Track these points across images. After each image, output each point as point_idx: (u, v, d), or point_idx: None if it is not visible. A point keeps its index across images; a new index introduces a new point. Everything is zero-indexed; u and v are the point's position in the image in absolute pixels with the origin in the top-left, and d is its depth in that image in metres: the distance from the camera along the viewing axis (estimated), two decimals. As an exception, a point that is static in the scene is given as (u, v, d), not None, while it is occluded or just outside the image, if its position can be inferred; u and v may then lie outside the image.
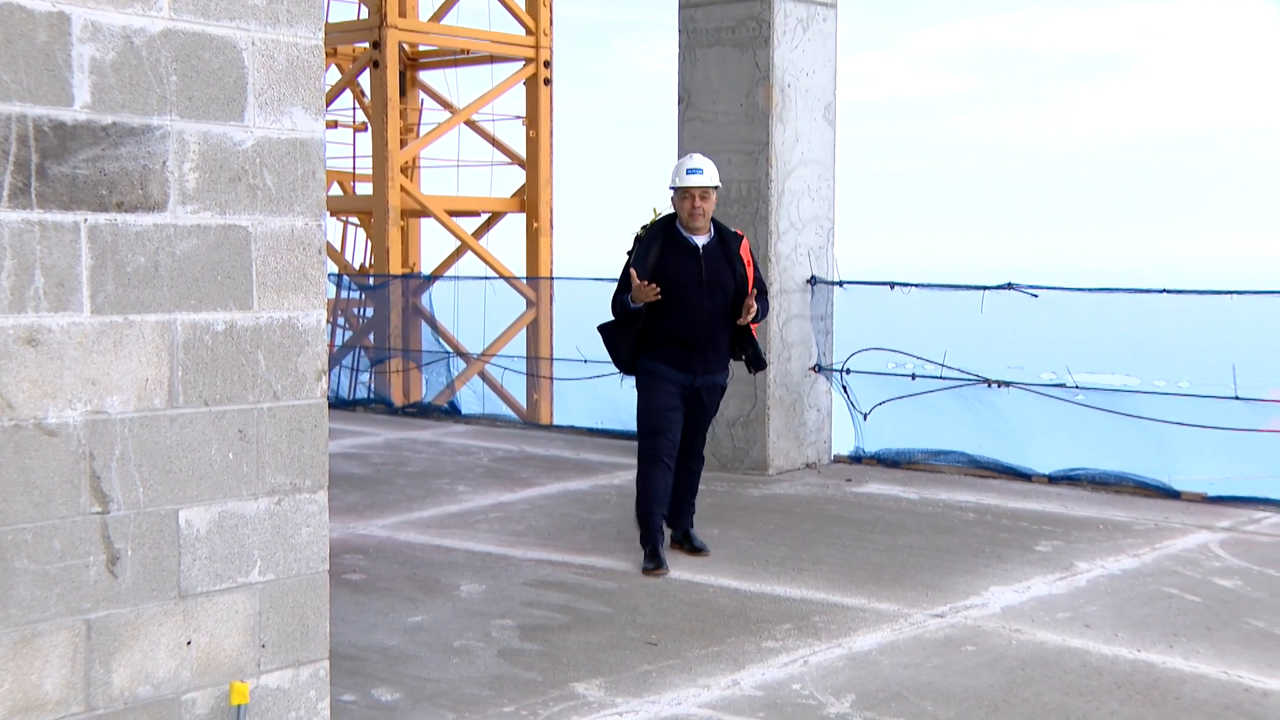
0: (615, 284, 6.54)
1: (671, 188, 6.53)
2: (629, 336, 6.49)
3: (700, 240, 6.48)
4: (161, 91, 3.52)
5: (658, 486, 6.47)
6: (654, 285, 6.28)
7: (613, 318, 6.57)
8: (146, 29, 3.48)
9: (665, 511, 6.56)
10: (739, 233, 6.68)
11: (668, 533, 6.69)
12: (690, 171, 6.47)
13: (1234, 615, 5.64)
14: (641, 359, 6.54)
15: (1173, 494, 8.08)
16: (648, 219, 6.71)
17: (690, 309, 6.40)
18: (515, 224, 20.64)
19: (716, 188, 6.51)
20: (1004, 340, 9.67)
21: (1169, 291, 8.50)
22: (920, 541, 6.97)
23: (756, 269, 6.66)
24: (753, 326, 6.63)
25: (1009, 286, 8.72)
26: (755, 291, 6.54)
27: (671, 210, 6.59)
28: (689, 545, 6.74)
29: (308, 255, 3.84)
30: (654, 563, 6.38)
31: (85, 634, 3.48)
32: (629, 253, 6.53)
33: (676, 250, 6.44)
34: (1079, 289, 8.84)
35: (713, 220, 6.55)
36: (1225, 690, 4.76)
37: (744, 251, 6.57)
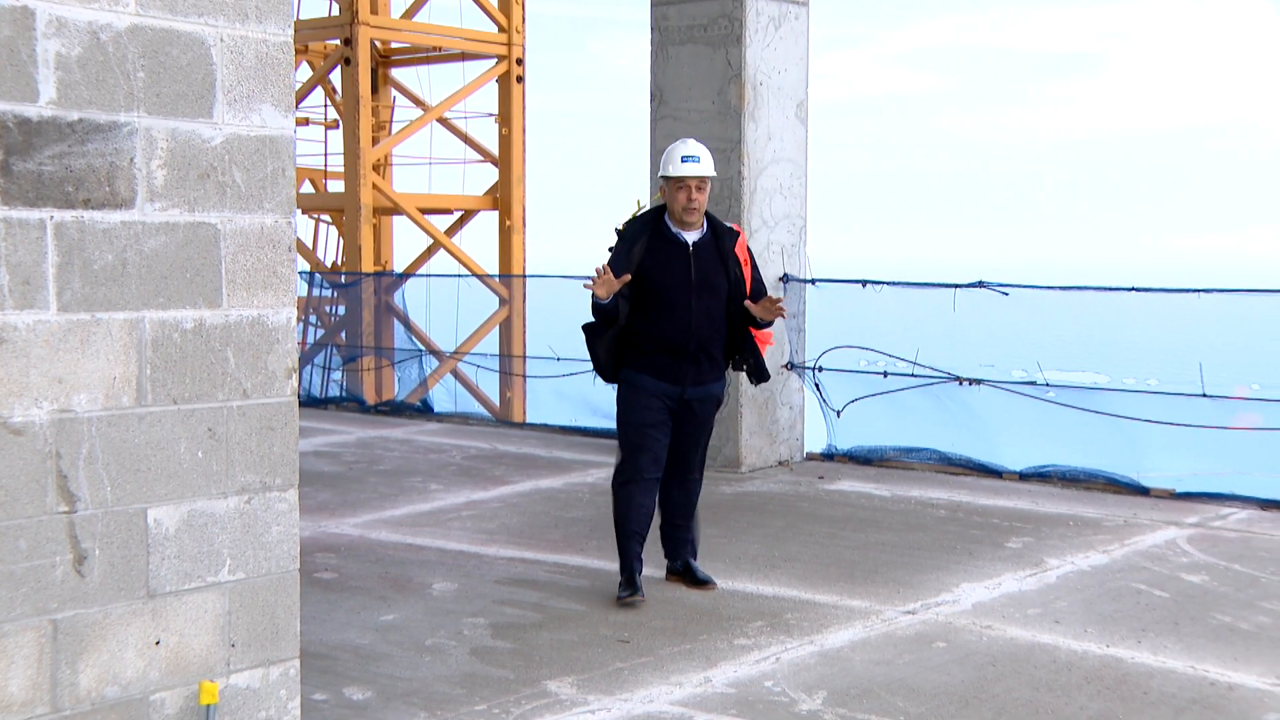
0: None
1: (663, 177, 5.85)
2: (605, 339, 5.86)
3: (691, 236, 5.82)
4: (129, 88, 3.49)
5: (636, 508, 5.86)
6: (619, 275, 5.67)
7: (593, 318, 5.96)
8: (113, 24, 3.46)
9: (644, 535, 5.92)
10: (735, 228, 5.98)
11: (663, 564, 6.14)
12: (686, 159, 5.78)
13: (1201, 610, 5.69)
14: (624, 368, 5.91)
15: (1142, 490, 8.14)
16: (631, 212, 6.19)
17: (679, 313, 5.75)
18: (488, 222, 20.59)
19: (712, 177, 5.89)
20: (975, 338, 9.72)
21: (1138, 290, 8.57)
22: (892, 539, 6.99)
23: (756, 269, 5.99)
24: (758, 335, 5.94)
25: (980, 285, 8.77)
26: (752, 294, 5.87)
27: (659, 202, 5.97)
28: (690, 578, 6.04)
29: (277, 253, 3.82)
30: (629, 590, 5.81)
31: (51, 634, 3.45)
32: (611, 249, 5.91)
33: (664, 247, 5.79)
34: (1049, 287, 8.89)
35: (706, 214, 5.90)
36: (1192, 684, 4.80)
37: (740, 249, 5.90)
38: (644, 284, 5.78)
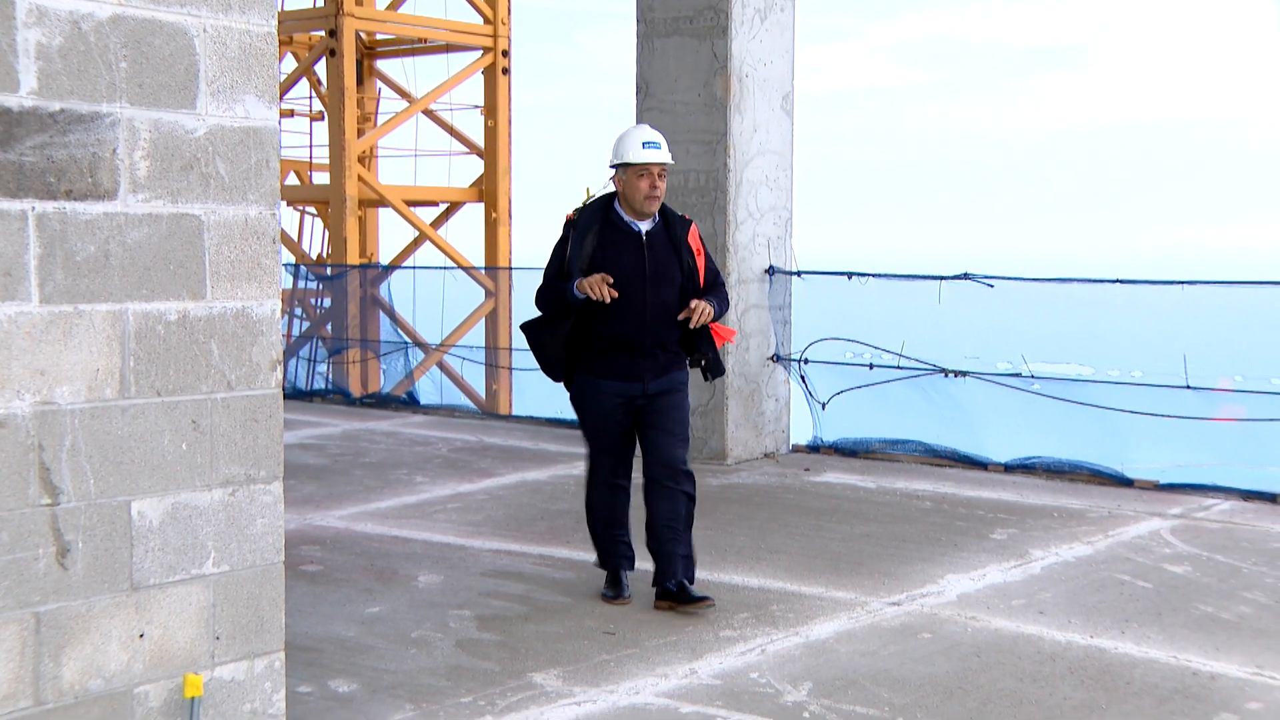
0: (543, 275, 5.66)
1: (619, 164, 5.53)
2: (560, 335, 5.56)
3: (644, 226, 5.56)
4: (111, 78, 3.47)
5: (602, 507, 5.71)
6: (577, 269, 5.41)
7: (539, 313, 5.65)
8: (95, 14, 3.44)
9: (624, 533, 5.74)
10: (686, 216, 5.75)
11: (651, 591, 5.69)
12: (648, 145, 5.52)
13: (1184, 601, 5.72)
14: (579, 372, 5.62)
15: (1126, 482, 8.17)
16: (581, 200, 5.81)
17: (634, 307, 5.46)
18: (474, 214, 20.57)
19: (671, 165, 5.65)
20: (960, 330, 9.74)
21: (1122, 282, 8.60)
22: (877, 530, 7.01)
23: (709, 257, 5.75)
24: (715, 329, 5.67)
25: (965, 277, 8.79)
26: (705, 284, 5.64)
27: (608, 191, 5.68)
28: (685, 598, 5.52)
29: (262, 244, 3.81)
30: (614, 590, 5.67)
31: (34, 627, 3.43)
32: (560, 240, 5.64)
33: (616, 238, 5.52)
34: (1034, 279, 8.91)
35: None
36: (1174, 674, 4.82)
37: (693, 238, 5.64)
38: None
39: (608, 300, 5.37)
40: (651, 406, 5.60)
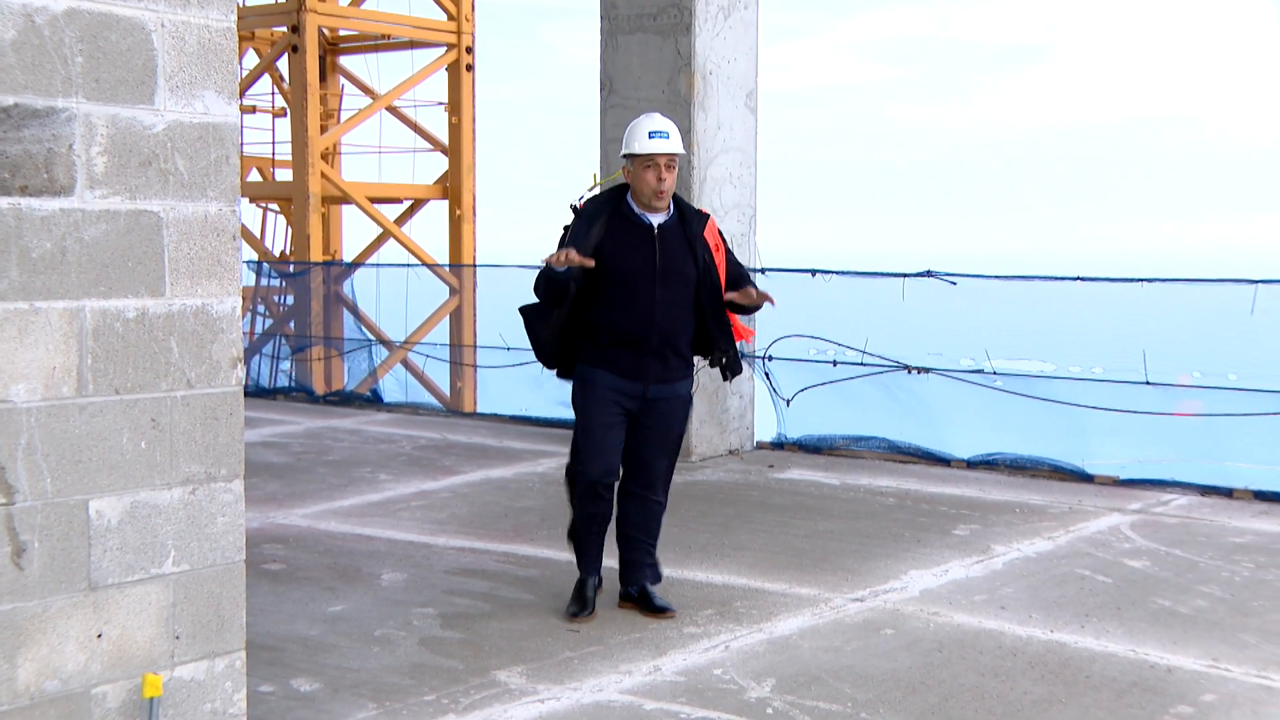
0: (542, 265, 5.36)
1: (627, 155, 5.28)
2: (553, 320, 5.33)
3: (656, 219, 5.29)
4: (66, 73, 3.43)
5: (596, 518, 5.44)
6: (581, 255, 5.15)
7: (536, 299, 5.41)
8: (49, 7, 3.40)
9: (602, 531, 5.52)
10: (703, 211, 5.49)
11: (617, 589, 5.61)
12: (654, 134, 5.21)
13: (1142, 595, 5.78)
14: (580, 363, 5.38)
15: (1086, 477, 8.24)
16: (588, 187, 5.61)
17: (641, 303, 5.22)
18: (438, 211, 20.50)
19: (681, 154, 5.34)
20: (924, 327, 9.80)
21: (1083, 279, 8.68)
22: (841, 526, 7.04)
23: (730, 253, 5.47)
24: (736, 326, 5.44)
25: (928, 274, 8.84)
26: (729, 283, 5.37)
27: (620, 180, 5.41)
28: (647, 605, 5.45)
29: (221, 241, 3.78)
30: (577, 605, 5.42)
31: (-9, 628, 3.39)
32: (566, 228, 5.37)
33: (626, 230, 5.26)
34: (997, 277, 8.98)
35: (673, 195, 5.38)
36: (1133, 667, 4.87)
37: (710, 233, 5.36)
38: (602, 269, 5.21)
39: (576, 264, 5.08)
40: (647, 414, 5.34)
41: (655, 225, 5.29)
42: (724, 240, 5.45)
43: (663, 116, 5.37)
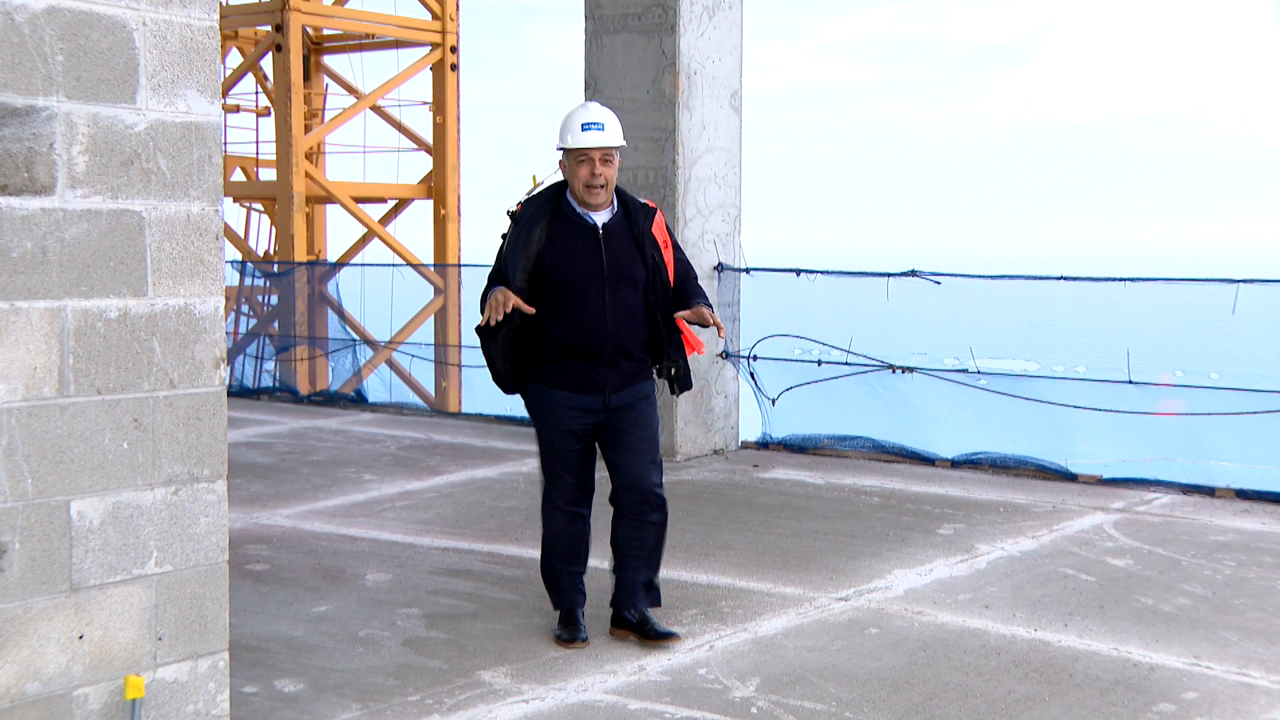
0: (488, 278, 5.04)
1: (561, 149, 4.93)
2: (500, 341, 4.91)
3: (600, 218, 4.93)
4: (47, 71, 3.41)
5: (562, 539, 5.09)
6: (516, 281, 4.80)
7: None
8: (28, 5, 3.38)
9: (581, 569, 5.19)
10: (649, 204, 5.07)
11: (607, 612, 5.24)
12: (588, 126, 4.86)
13: (1125, 593, 5.80)
14: (532, 381, 4.99)
15: (1070, 476, 8.27)
16: (526, 190, 5.16)
17: (591, 310, 4.84)
18: (422, 211, 20.47)
19: (620, 148, 4.95)
20: (908, 327, 9.81)
21: (1067, 279, 8.70)
22: (825, 526, 7.05)
23: (679, 249, 5.12)
24: (687, 337, 5.06)
25: (913, 274, 8.85)
26: (676, 281, 5.06)
27: (559, 179, 5.04)
28: (647, 632, 5.03)
29: (204, 241, 3.76)
30: (569, 632, 5.05)
31: (-28, 630, 3.37)
32: (504, 236, 5.02)
33: (568, 233, 4.89)
34: (981, 276, 9.00)
35: (616, 191, 4.99)
36: (1116, 666, 4.89)
37: (658, 229, 5.00)
38: (546, 277, 4.85)
39: (516, 309, 4.76)
40: (614, 423, 4.98)
41: (600, 225, 4.93)
42: (671, 235, 5.11)
43: (600, 106, 5.00)
